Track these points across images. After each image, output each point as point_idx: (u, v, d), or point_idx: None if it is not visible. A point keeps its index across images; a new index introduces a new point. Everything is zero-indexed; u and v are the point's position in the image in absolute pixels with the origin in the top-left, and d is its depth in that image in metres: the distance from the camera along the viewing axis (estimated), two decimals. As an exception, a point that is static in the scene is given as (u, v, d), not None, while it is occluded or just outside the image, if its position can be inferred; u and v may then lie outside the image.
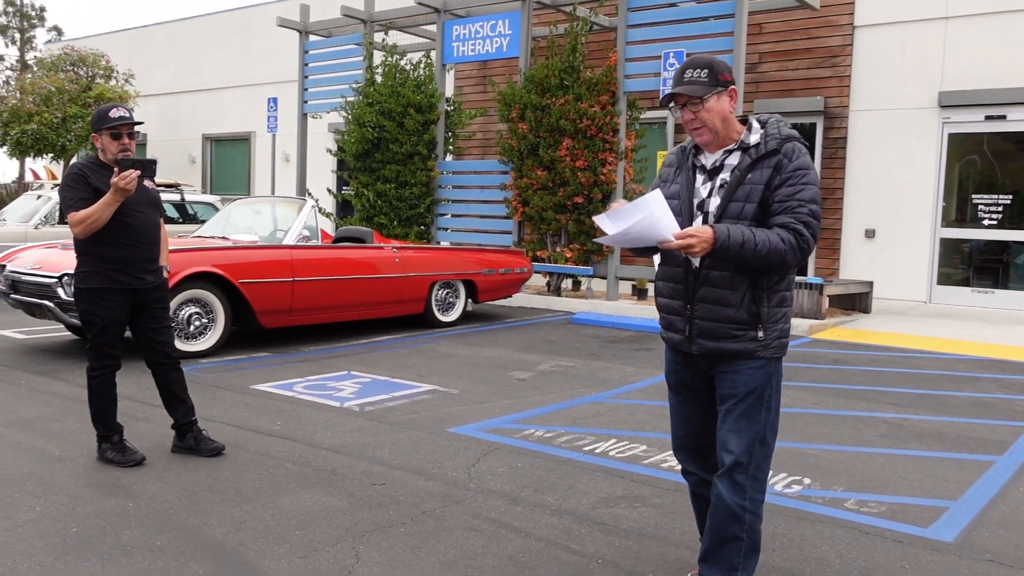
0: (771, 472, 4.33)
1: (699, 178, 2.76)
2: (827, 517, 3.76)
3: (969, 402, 6.09)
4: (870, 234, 12.05)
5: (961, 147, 11.63)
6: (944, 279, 11.78)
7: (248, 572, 3.11)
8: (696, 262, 2.68)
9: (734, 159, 2.71)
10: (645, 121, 12.48)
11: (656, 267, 2.92)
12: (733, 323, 2.67)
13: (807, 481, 4.25)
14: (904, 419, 5.54)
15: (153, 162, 4.24)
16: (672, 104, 2.73)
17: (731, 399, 2.73)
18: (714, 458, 2.92)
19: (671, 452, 4.59)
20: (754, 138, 2.70)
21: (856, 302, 10.86)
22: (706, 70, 2.66)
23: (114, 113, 4.21)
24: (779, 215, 2.60)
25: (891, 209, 11.92)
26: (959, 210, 11.72)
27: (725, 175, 2.70)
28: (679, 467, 4.32)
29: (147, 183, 4.33)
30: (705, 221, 2.69)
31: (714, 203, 2.69)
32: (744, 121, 2.76)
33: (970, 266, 11.75)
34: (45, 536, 3.37)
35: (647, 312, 10.06)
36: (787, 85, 12.59)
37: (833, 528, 3.64)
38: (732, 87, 2.69)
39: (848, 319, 10.14)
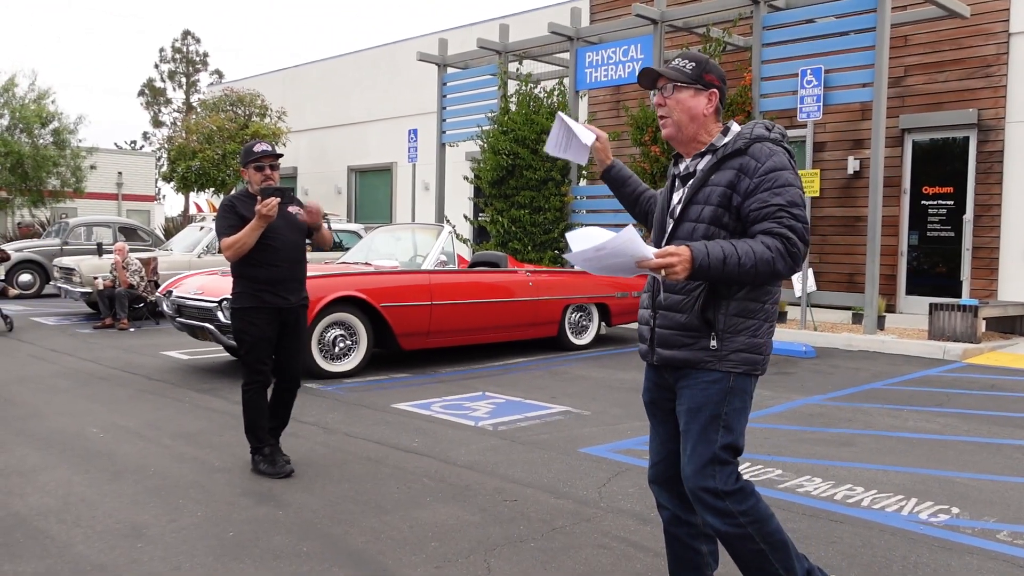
0: (915, 500, 4.17)
1: (677, 186, 2.68)
2: (976, 548, 3.57)
3: None
4: (1032, 253, 11.28)
5: None
6: (1118, 300, 10.86)
7: (386, 579, 3.27)
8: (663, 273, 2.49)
9: (704, 163, 2.58)
10: (783, 140, 12.20)
11: None
12: (685, 330, 2.53)
13: (955, 511, 4.04)
14: (1068, 449, 5.17)
15: (290, 189, 4.68)
16: (656, 90, 2.64)
17: (684, 416, 2.58)
18: None
19: (808, 477, 4.53)
20: (724, 140, 2.57)
21: (1016, 325, 10.19)
22: (693, 64, 2.56)
23: (257, 148, 4.60)
24: (760, 223, 2.41)
25: (1056, 226, 11.12)
26: None
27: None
28: (821, 493, 4.25)
29: (291, 209, 4.68)
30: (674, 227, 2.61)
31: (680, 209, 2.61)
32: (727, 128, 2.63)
33: None
34: (205, 539, 3.65)
35: (785, 335, 9.79)
36: (936, 98, 12.01)
37: (982, 560, 3.45)
38: (714, 90, 2.57)
39: (1007, 343, 9.52)
